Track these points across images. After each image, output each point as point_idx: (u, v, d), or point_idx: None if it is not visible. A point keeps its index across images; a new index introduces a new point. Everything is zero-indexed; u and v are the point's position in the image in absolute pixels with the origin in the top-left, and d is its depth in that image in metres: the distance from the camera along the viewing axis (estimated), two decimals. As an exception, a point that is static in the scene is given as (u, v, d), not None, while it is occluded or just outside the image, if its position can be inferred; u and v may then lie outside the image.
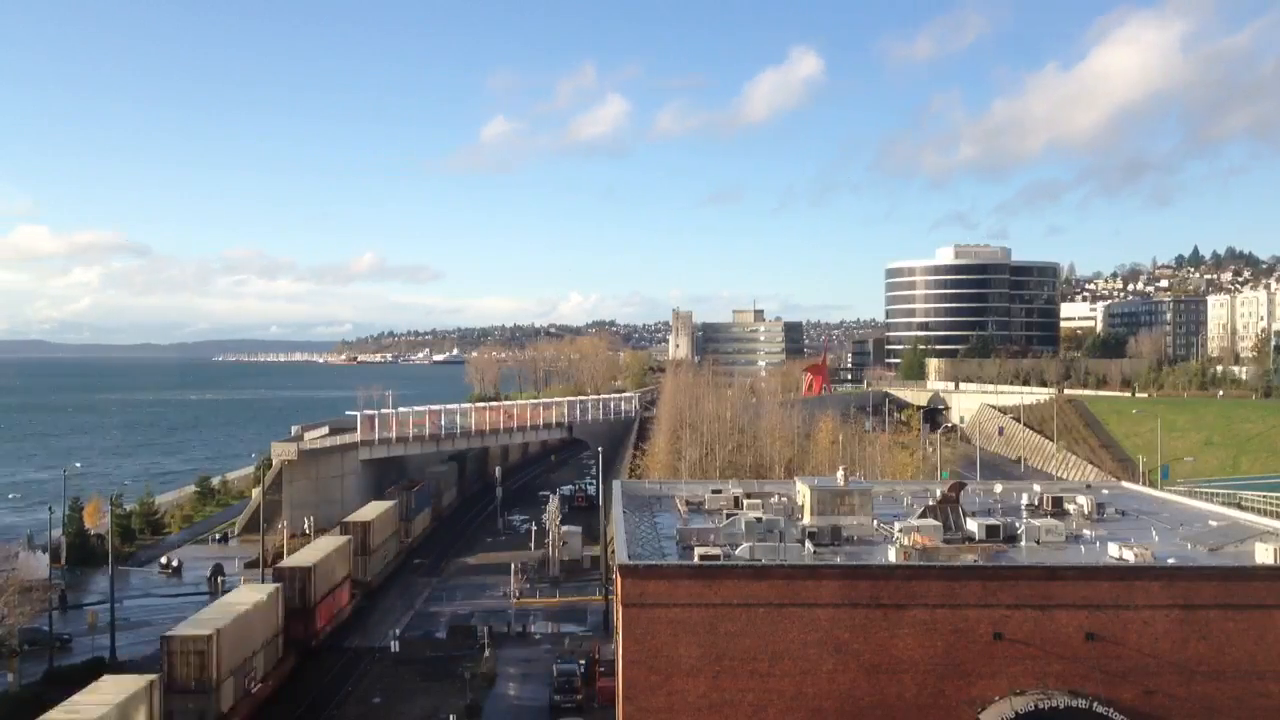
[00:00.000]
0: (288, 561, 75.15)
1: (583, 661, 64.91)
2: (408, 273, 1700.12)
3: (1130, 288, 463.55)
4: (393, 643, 71.76)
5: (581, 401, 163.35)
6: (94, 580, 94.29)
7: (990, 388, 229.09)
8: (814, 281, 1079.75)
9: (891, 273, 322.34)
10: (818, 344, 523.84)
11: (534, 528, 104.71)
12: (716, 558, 44.47)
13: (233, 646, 55.92)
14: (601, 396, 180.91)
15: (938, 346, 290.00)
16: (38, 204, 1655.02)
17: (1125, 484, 78.76)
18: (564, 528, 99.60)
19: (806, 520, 54.71)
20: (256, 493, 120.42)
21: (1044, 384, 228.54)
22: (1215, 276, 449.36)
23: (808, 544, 49.68)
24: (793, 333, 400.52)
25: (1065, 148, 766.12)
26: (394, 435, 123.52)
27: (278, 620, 65.19)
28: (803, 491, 57.56)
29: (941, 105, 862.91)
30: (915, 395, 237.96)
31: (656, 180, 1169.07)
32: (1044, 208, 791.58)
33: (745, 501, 60.80)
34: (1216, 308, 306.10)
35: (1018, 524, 53.45)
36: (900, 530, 50.94)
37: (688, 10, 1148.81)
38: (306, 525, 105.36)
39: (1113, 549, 48.20)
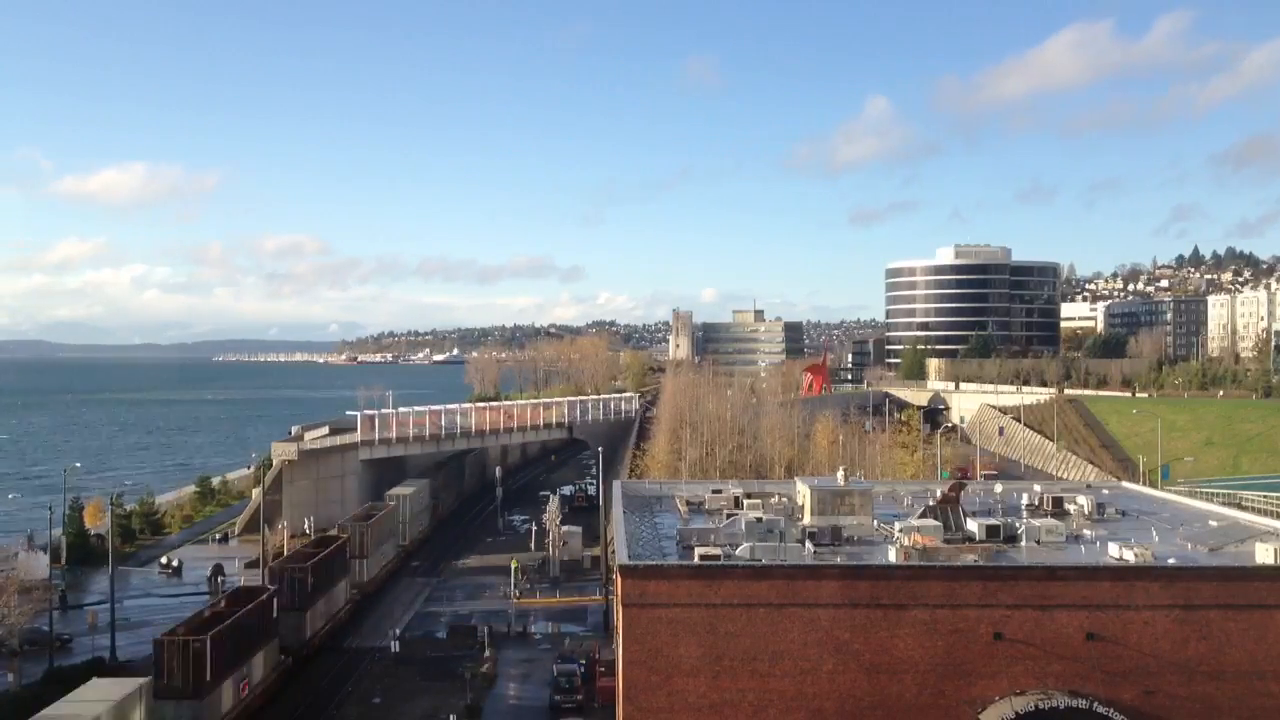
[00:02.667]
0: (394, 490, 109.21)
1: (583, 661, 64.88)
2: (563, 272, 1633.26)
3: (1130, 288, 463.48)
4: (393, 643, 71.77)
5: (581, 401, 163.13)
6: (94, 580, 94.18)
7: (990, 388, 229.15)
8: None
9: (891, 273, 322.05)
10: (818, 344, 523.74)
11: (534, 528, 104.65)
12: (717, 558, 44.47)
13: (381, 531, 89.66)
14: (601, 396, 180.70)
15: (938, 346, 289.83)
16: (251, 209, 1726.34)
17: (1125, 484, 78.77)
18: (564, 528, 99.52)
19: (806, 520, 54.73)
20: (257, 493, 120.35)
21: (1044, 384, 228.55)
22: (1215, 276, 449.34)
23: (808, 544, 49.68)
24: (793, 333, 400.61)
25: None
26: (394, 435, 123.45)
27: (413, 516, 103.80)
28: (803, 491, 57.56)
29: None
30: (915, 395, 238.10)
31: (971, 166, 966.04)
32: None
33: (745, 501, 60.79)
34: (1217, 308, 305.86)
35: (1018, 524, 53.44)
36: (900, 530, 50.97)
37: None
38: (307, 525, 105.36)
39: (1113, 549, 48.19)
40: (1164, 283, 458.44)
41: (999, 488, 69.78)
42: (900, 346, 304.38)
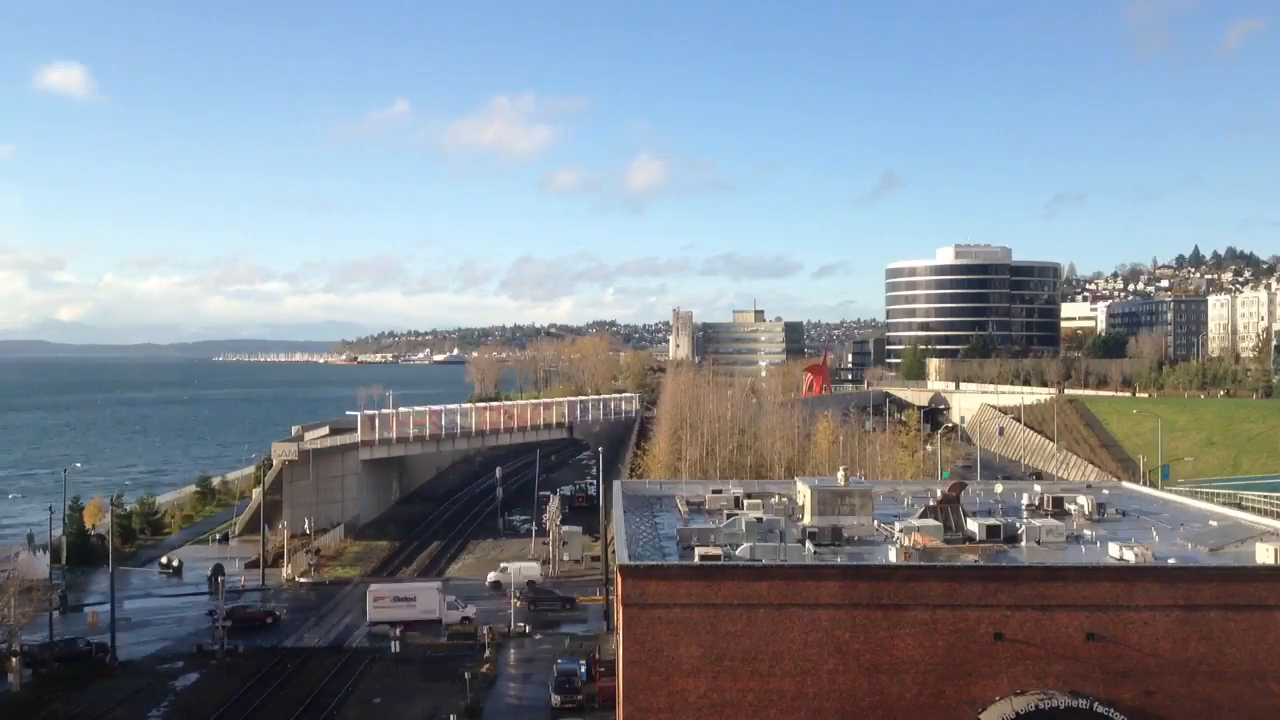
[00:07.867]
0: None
1: (583, 661, 64.90)
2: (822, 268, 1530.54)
3: (1131, 288, 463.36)
4: (393, 643, 71.73)
5: (582, 401, 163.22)
6: (94, 580, 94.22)
7: (991, 388, 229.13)
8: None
9: (892, 273, 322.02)
10: (818, 344, 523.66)
11: (534, 528, 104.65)
12: (717, 558, 44.41)
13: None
14: (602, 396, 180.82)
15: (938, 346, 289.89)
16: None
17: (1126, 484, 78.69)
18: (564, 528, 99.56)
19: (807, 520, 54.70)
20: (257, 493, 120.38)
21: (1044, 384, 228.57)
22: (1216, 276, 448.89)
23: (808, 544, 49.64)
24: (793, 333, 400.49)
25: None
26: (394, 435, 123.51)
27: None
28: (803, 492, 57.53)
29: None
30: (915, 395, 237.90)
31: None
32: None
33: (746, 501, 60.74)
34: (1217, 308, 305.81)
35: (1018, 524, 53.42)
36: (900, 530, 50.95)
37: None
38: (307, 525, 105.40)
39: (1113, 549, 48.16)
40: (1164, 283, 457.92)
41: (999, 487, 69.76)
42: (900, 346, 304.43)
